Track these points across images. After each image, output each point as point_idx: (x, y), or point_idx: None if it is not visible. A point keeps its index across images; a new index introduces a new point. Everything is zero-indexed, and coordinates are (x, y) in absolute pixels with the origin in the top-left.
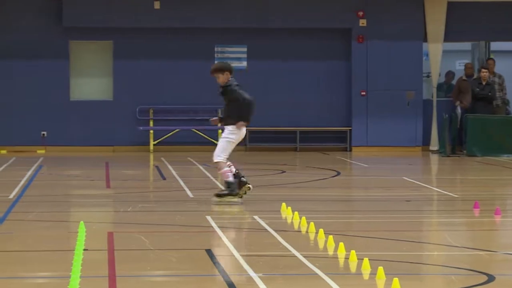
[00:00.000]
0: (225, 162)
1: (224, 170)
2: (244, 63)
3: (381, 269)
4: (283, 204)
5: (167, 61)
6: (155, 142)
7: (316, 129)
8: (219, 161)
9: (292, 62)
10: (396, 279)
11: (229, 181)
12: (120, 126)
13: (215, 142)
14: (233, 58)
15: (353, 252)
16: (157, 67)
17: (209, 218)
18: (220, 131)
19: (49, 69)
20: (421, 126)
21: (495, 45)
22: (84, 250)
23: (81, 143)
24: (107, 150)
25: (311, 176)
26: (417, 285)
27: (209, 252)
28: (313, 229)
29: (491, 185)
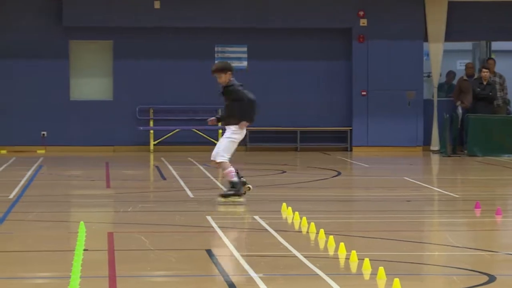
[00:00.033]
0: (228, 162)
1: (228, 170)
2: (244, 63)
3: (381, 270)
4: (284, 204)
5: (167, 61)
6: (155, 142)
7: (316, 129)
8: (222, 161)
9: (292, 62)
10: (397, 280)
11: (233, 181)
12: (120, 126)
13: (215, 142)
14: (233, 58)
15: (354, 252)
16: (157, 67)
17: (209, 218)
18: (220, 131)
19: (49, 69)
20: (421, 126)
21: (496, 45)
22: (84, 250)
23: (81, 143)
24: (107, 150)
25: (311, 176)
26: (418, 286)
27: (209, 252)
28: (313, 229)
29: (492, 185)
